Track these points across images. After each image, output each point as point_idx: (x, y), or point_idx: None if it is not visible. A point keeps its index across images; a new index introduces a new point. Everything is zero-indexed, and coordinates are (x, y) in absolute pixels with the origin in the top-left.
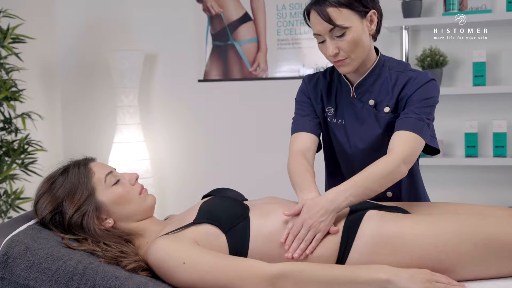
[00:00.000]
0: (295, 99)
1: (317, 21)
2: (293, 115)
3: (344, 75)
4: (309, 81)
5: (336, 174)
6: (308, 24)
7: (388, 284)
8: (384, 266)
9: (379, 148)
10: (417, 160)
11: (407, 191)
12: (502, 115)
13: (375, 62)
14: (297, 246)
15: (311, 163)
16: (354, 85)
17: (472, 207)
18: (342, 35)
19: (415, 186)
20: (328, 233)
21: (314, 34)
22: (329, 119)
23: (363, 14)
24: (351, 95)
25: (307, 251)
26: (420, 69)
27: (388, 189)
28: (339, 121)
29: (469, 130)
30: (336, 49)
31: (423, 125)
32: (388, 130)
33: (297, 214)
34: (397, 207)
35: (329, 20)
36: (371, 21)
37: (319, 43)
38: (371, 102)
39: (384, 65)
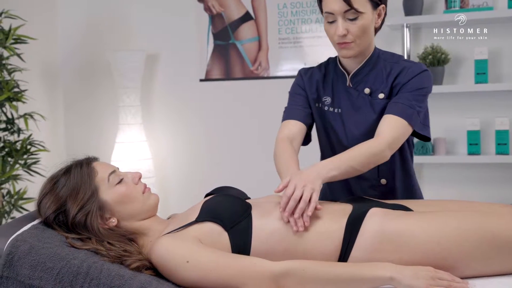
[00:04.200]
0: (289, 91)
1: None
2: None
3: (341, 65)
4: (305, 73)
5: None
6: (319, 2)
7: (391, 282)
8: (387, 263)
9: (372, 135)
10: (410, 148)
11: (401, 181)
12: (504, 112)
13: (371, 53)
14: (294, 205)
15: (297, 150)
16: (351, 74)
17: (474, 204)
18: (354, 19)
19: (409, 174)
20: (330, 229)
21: (326, 13)
22: (326, 108)
23: (375, 5)
24: (347, 84)
25: (309, 212)
26: None
27: (382, 177)
28: (335, 110)
29: (471, 127)
30: (345, 31)
31: (413, 112)
32: (382, 115)
33: (285, 187)
34: (400, 205)
35: (347, 1)
36: (379, 14)
37: (328, 22)
38: (367, 90)
39: (379, 57)
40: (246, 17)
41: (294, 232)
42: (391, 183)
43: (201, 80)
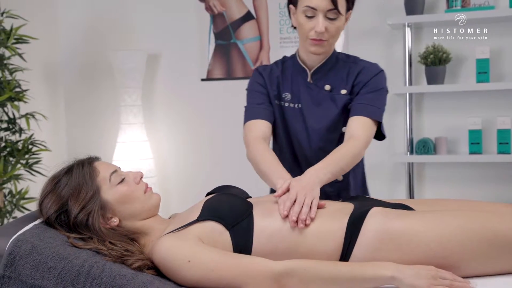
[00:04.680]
0: (247, 89)
1: None
2: (245, 105)
3: (302, 62)
4: (264, 70)
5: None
6: None
7: (393, 281)
8: (389, 263)
9: (334, 130)
10: None
11: (354, 177)
12: (506, 111)
13: (332, 52)
14: (299, 209)
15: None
16: (312, 70)
17: (476, 203)
18: (334, 19)
19: (362, 170)
20: (331, 229)
21: (307, 7)
22: (286, 104)
23: (347, 9)
24: (308, 80)
25: (311, 214)
26: (424, 67)
27: None
28: (296, 105)
29: (473, 127)
30: (324, 28)
31: (379, 111)
32: (344, 111)
33: (285, 193)
34: (401, 204)
35: (333, 1)
36: (346, 19)
37: (306, 16)
38: (327, 87)
39: (337, 57)
40: (248, 17)
41: (296, 231)
42: (346, 180)
43: (202, 80)
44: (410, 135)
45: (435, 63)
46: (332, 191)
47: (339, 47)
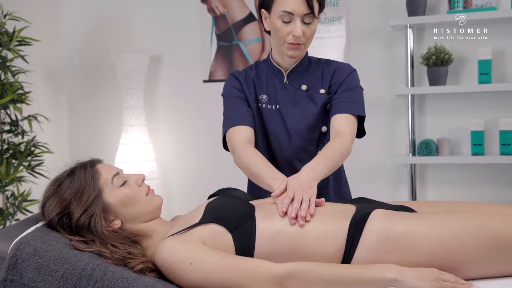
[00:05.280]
0: (224, 94)
1: (299, 1)
2: (224, 111)
3: (276, 64)
4: (239, 74)
5: None
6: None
7: (395, 283)
8: (391, 265)
9: (314, 129)
10: None
11: (333, 173)
12: (508, 112)
13: (305, 54)
14: (298, 206)
15: None
16: (287, 72)
17: (478, 205)
18: (309, 23)
19: (340, 167)
20: (333, 231)
21: (283, 11)
22: (263, 106)
23: (318, 12)
24: (284, 81)
25: (311, 211)
26: (425, 68)
27: None
28: (273, 106)
29: (475, 128)
30: (301, 32)
31: (360, 107)
32: (323, 110)
33: (283, 193)
34: (403, 206)
35: (310, 5)
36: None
37: (282, 21)
38: (304, 87)
39: (309, 59)
40: (250, 18)
41: (298, 233)
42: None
43: (204, 81)
44: (412, 137)
45: (437, 64)
46: None
47: (341, 48)
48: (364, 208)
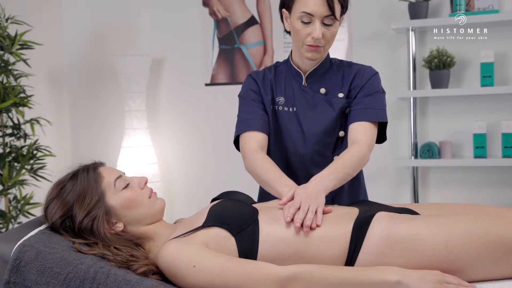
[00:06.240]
0: (240, 95)
1: (319, 2)
2: (238, 112)
3: (296, 66)
4: (257, 75)
5: None
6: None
7: (398, 286)
8: (394, 267)
9: (331, 133)
10: None
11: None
12: (510, 115)
13: (326, 57)
14: (303, 216)
15: None
16: (307, 74)
17: (481, 207)
18: (330, 25)
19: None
20: (337, 234)
21: (303, 12)
22: (280, 108)
23: (340, 14)
24: (303, 84)
25: (318, 222)
26: (428, 71)
27: None
28: (290, 109)
29: (478, 130)
30: (321, 34)
31: (381, 113)
32: (341, 115)
33: (290, 201)
34: (407, 209)
35: (331, 6)
36: (340, 23)
37: (302, 22)
38: (322, 90)
39: (330, 61)
40: (251, 22)
41: (301, 236)
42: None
43: (206, 85)
44: (415, 139)
45: (440, 67)
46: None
47: (343, 51)
48: (367, 211)
